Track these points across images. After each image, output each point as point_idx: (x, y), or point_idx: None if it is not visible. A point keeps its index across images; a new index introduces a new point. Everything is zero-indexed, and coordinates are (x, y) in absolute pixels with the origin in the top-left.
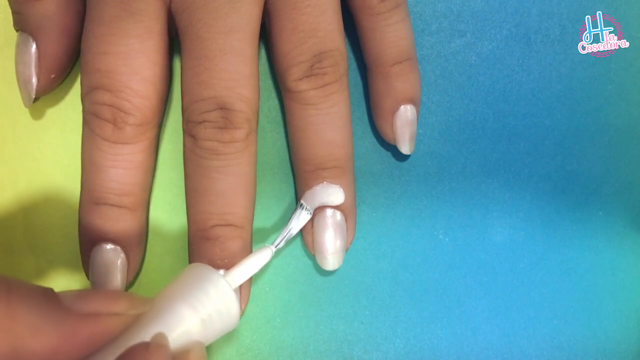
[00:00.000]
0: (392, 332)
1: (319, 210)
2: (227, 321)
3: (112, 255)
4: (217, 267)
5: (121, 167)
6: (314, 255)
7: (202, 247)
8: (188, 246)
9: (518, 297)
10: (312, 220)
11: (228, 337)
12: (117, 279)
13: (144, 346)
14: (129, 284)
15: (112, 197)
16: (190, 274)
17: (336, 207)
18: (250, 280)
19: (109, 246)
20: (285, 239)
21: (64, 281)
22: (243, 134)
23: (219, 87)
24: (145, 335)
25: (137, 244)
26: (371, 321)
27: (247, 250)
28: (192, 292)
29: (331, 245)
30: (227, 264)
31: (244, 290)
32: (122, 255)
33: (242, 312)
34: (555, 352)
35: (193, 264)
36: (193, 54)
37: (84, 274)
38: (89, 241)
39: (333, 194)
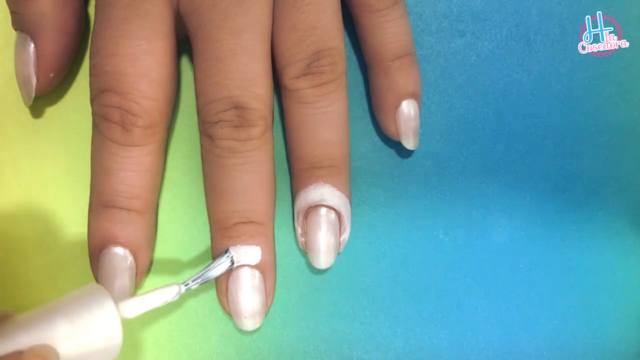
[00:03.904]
0: (392, 332)
1: (312, 209)
2: (105, 347)
3: (121, 259)
4: (240, 265)
5: (130, 169)
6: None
7: (225, 245)
8: (211, 245)
9: (518, 297)
10: (305, 220)
11: (228, 337)
12: (126, 282)
13: (17, 356)
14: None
15: (121, 200)
16: (82, 292)
17: (329, 207)
18: (275, 276)
19: (118, 249)
20: (200, 281)
21: (72, 282)
22: (259, 131)
23: (233, 87)
24: (14, 343)
25: (145, 247)
26: (371, 321)
27: (270, 246)
28: (76, 309)
29: (323, 244)
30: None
31: (269, 285)
32: (131, 258)
33: (269, 309)
34: (555, 352)
35: (89, 284)
36: (205, 56)
37: (91, 274)
38: (97, 244)
39: (326, 192)
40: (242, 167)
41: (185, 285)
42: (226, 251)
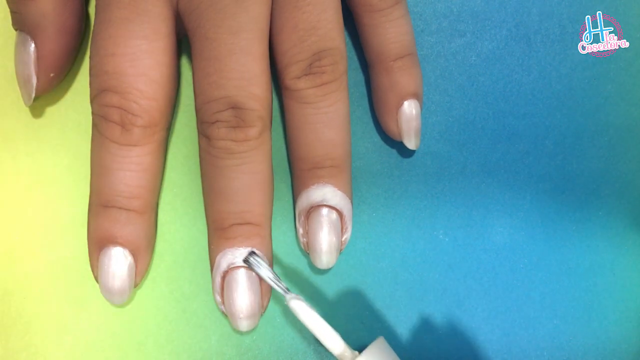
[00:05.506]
0: (392, 332)
1: (314, 209)
2: None
3: (120, 259)
4: (236, 266)
5: (129, 169)
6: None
7: (221, 247)
8: (208, 245)
9: (518, 297)
10: (307, 220)
11: (228, 337)
12: (125, 282)
13: None
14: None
15: (121, 200)
16: None
17: (331, 207)
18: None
19: (117, 249)
20: (279, 283)
21: (72, 282)
22: (256, 132)
23: (230, 87)
24: None
25: (145, 247)
26: (371, 321)
27: (267, 247)
28: None
29: (325, 244)
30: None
31: (265, 286)
32: (130, 258)
33: (265, 309)
34: (555, 352)
35: None
36: (203, 55)
37: (91, 274)
38: (97, 244)
39: (328, 193)
40: (238, 167)
41: (288, 291)
42: (247, 261)
